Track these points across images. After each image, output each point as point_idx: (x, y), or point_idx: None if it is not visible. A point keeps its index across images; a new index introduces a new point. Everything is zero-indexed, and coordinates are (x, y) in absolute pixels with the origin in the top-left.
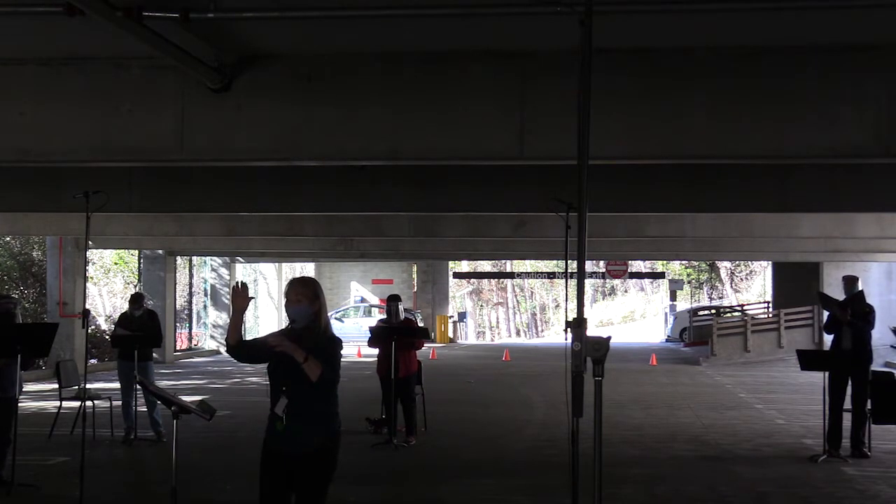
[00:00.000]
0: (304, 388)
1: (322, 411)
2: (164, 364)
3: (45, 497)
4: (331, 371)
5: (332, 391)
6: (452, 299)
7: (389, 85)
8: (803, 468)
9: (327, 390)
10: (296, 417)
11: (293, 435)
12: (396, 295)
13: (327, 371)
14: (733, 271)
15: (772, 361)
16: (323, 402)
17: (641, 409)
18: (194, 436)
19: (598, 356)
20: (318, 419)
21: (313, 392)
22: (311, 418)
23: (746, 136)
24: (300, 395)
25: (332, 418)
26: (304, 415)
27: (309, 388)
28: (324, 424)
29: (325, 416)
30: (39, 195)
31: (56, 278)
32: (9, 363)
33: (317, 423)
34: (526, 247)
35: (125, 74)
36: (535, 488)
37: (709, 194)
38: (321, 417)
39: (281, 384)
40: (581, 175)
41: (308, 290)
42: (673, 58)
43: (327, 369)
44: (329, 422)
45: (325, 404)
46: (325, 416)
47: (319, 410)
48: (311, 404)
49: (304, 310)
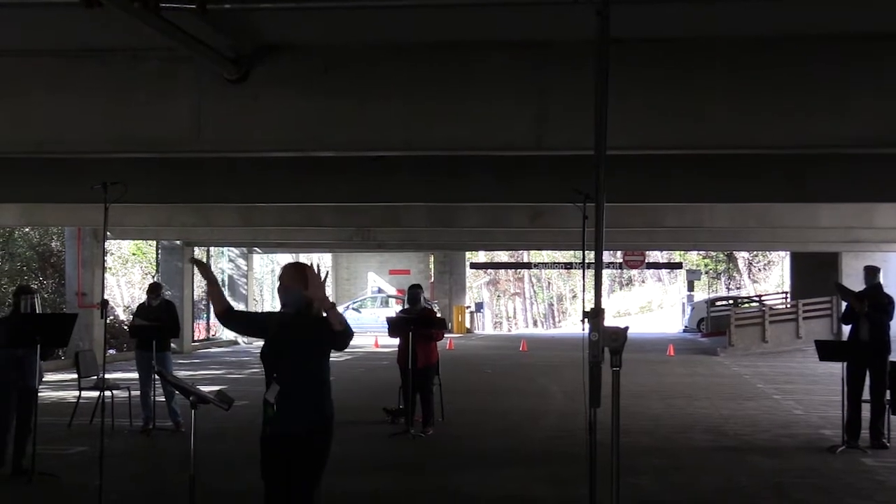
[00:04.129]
0: (295, 374)
1: (313, 396)
2: (181, 354)
3: (65, 486)
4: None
5: (324, 375)
6: (469, 289)
7: (406, 75)
8: (822, 459)
9: (318, 376)
10: (287, 403)
11: (285, 420)
12: (418, 284)
13: (346, 328)
14: (751, 261)
15: (790, 352)
16: (314, 388)
17: (659, 399)
18: (213, 426)
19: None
20: (310, 403)
21: (304, 376)
22: (303, 402)
23: (765, 126)
24: (291, 380)
25: (323, 403)
26: (296, 400)
27: (300, 372)
28: (316, 408)
29: (316, 400)
30: (58, 186)
31: (75, 269)
32: (29, 353)
33: (308, 407)
34: (543, 237)
35: (142, 66)
36: (552, 478)
37: (727, 184)
38: (313, 401)
39: (272, 371)
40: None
41: (301, 276)
42: (691, 47)
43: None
44: (321, 406)
45: (317, 388)
46: (316, 399)
47: (311, 395)
48: (303, 390)
49: (297, 295)
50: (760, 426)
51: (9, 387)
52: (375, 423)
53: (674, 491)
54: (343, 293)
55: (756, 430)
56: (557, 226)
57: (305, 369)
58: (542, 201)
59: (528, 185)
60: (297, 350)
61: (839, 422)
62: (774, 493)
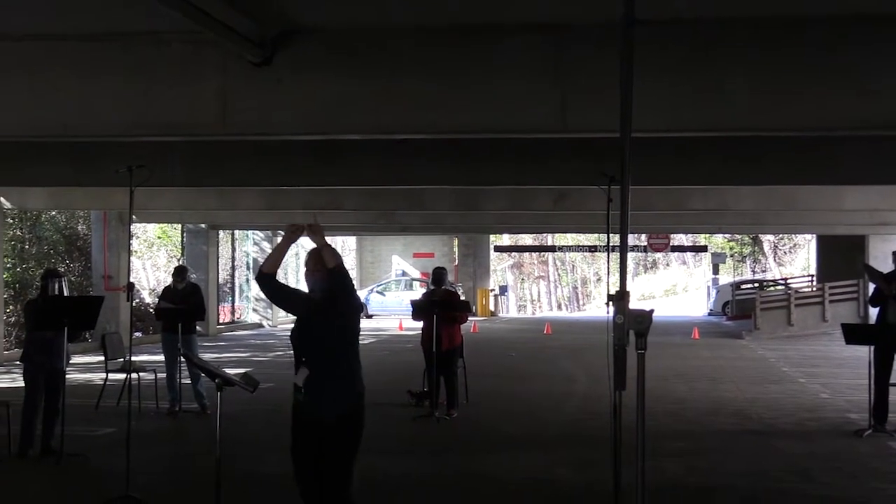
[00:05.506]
0: (324, 357)
1: (343, 378)
2: (207, 337)
3: (93, 467)
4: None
5: (352, 357)
6: (493, 273)
7: (429, 58)
8: (848, 443)
9: (347, 359)
10: (317, 386)
11: (316, 403)
12: (442, 267)
13: (339, 263)
14: (777, 244)
15: (816, 335)
16: (343, 372)
17: (684, 382)
18: (238, 408)
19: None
20: (340, 385)
21: (333, 359)
22: (333, 385)
23: (789, 109)
24: (320, 363)
25: (353, 385)
26: (326, 383)
27: (329, 355)
28: (345, 390)
29: (346, 383)
30: (83, 170)
31: (101, 252)
32: (56, 336)
33: (338, 390)
34: (567, 220)
35: (166, 49)
36: (576, 462)
37: (753, 166)
38: (342, 384)
39: (301, 354)
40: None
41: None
42: (715, 29)
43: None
44: (350, 388)
45: (346, 371)
46: (346, 382)
47: (340, 378)
48: (332, 371)
49: (321, 278)
50: (786, 410)
51: (37, 369)
52: (400, 406)
53: (699, 475)
54: (367, 276)
55: (781, 414)
56: (582, 208)
57: (334, 354)
58: (567, 184)
59: (553, 168)
60: (325, 335)
61: (866, 405)
62: (801, 477)
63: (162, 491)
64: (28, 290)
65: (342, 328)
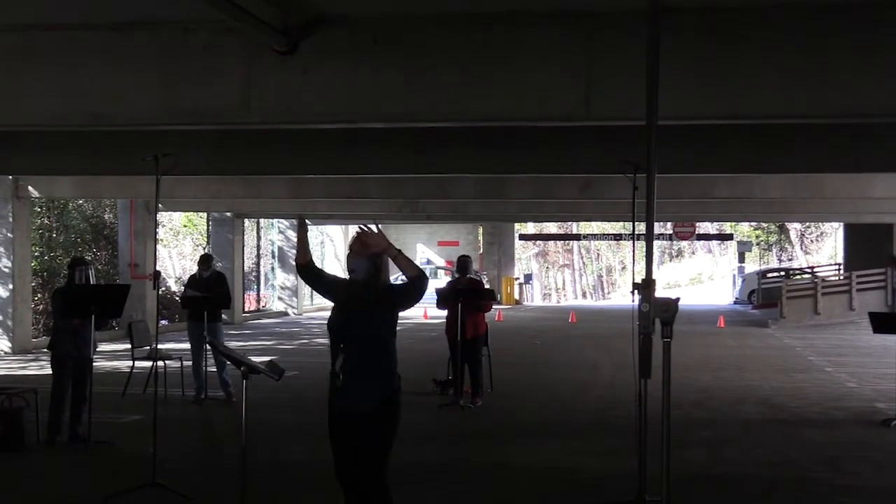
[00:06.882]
0: (362, 344)
1: (381, 367)
2: (232, 325)
3: (120, 453)
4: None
5: (390, 346)
6: (518, 261)
7: (454, 46)
8: (875, 432)
9: (385, 347)
10: (355, 374)
11: (353, 391)
12: (467, 255)
13: (422, 272)
14: (803, 233)
15: (843, 324)
16: (381, 360)
17: (709, 371)
18: (263, 396)
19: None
20: (377, 375)
21: (371, 348)
22: (370, 374)
23: (818, 95)
24: (358, 351)
25: (391, 373)
26: (363, 371)
27: (367, 343)
28: (383, 380)
29: (383, 372)
30: (110, 159)
31: (127, 240)
32: (83, 323)
33: (376, 379)
34: (592, 208)
35: (192, 38)
36: (601, 450)
37: (779, 154)
38: (380, 373)
39: (339, 341)
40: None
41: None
42: (742, 16)
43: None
44: (388, 377)
45: (384, 360)
46: (383, 371)
47: (378, 366)
48: (370, 360)
49: (364, 262)
50: (812, 399)
51: (65, 356)
52: (425, 394)
53: (725, 464)
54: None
55: (808, 403)
56: (607, 197)
57: (373, 341)
58: (592, 172)
59: (578, 156)
60: (364, 321)
61: (893, 395)
62: (828, 466)
63: (188, 478)
64: (55, 279)
65: (382, 318)
